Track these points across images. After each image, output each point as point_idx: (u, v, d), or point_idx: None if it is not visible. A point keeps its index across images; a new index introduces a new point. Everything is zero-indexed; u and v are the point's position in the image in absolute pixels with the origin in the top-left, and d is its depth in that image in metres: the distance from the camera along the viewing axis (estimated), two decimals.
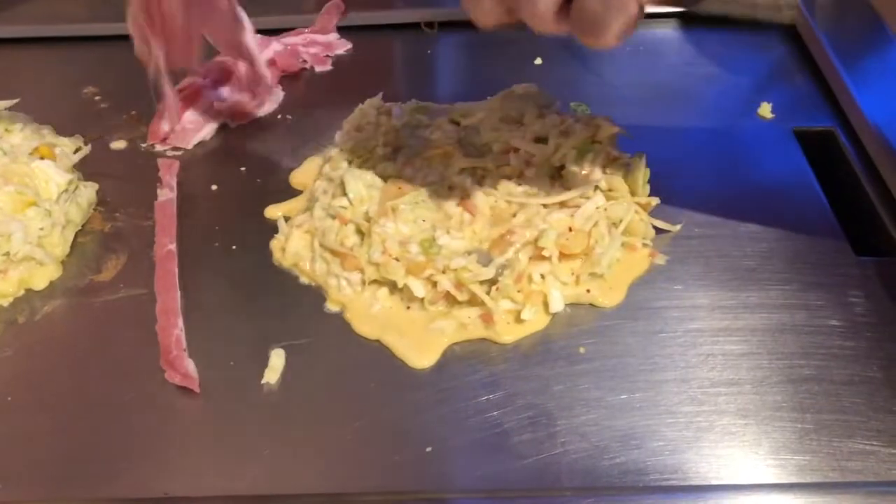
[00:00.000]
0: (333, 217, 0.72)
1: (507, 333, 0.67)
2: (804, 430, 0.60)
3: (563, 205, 0.71)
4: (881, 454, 0.58)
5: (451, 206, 0.70)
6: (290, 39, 1.03)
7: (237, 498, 0.58)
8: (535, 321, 0.68)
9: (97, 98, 0.97)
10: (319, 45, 1.04)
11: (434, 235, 0.68)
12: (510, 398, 0.63)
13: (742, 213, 0.77)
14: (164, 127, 0.90)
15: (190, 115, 0.92)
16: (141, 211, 0.81)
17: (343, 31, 1.06)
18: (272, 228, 0.78)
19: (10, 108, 0.86)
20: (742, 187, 0.80)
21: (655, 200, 0.76)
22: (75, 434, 0.62)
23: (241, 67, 0.96)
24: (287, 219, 0.78)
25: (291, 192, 0.83)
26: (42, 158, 0.78)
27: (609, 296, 0.70)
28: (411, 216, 0.70)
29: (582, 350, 0.66)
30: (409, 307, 0.69)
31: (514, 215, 0.70)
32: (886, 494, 0.56)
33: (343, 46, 1.05)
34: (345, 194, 0.73)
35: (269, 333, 0.68)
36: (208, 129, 0.91)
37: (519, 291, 0.67)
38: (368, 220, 0.70)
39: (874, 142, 0.81)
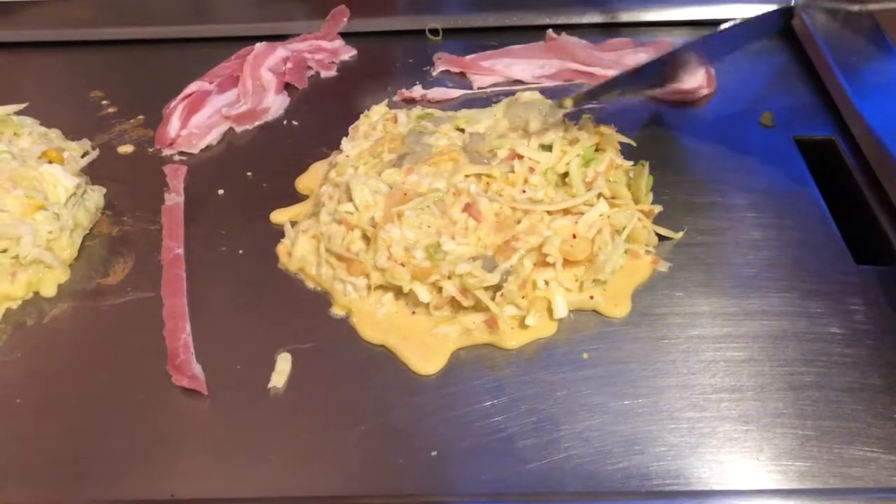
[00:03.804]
0: (339, 222, 0.73)
1: (512, 339, 0.68)
2: (805, 437, 0.60)
3: (566, 212, 0.72)
4: (881, 461, 0.59)
5: (457, 213, 0.71)
6: (295, 46, 1.03)
7: (243, 500, 0.59)
8: (540, 327, 0.68)
9: (104, 102, 0.98)
10: (325, 51, 1.04)
11: (439, 241, 0.69)
12: (514, 403, 0.63)
13: (744, 220, 0.78)
14: (171, 132, 0.91)
15: (196, 120, 0.93)
16: (148, 215, 0.82)
17: (348, 37, 1.07)
18: (278, 233, 0.79)
19: (18, 113, 0.87)
20: (744, 195, 0.81)
21: (658, 208, 0.76)
22: (83, 436, 0.63)
23: (247, 75, 0.97)
24: (293, 224, 0.79)
25: (297, 197, 0.83)
26: (50, 162, 0.79)
27: (612, 303, 0.70)
28: (416, 222, 0.71)
29: (585, 356, 0.67)
30: (414, 312, 0.70)
31: (519, 222, 0.71)
32: (887, 501, 0.57)
33: (348, 52, 1.05)
34: (351, 200, 0.73)
35: (276, 338, 0.69)
36: (215, 134, 0.92)
37: (523, 297, 0.68)
38: (374, 225, 0.71)
39: (874, 151, 0.82)
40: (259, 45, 1.01)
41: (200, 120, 0.93)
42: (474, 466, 0.60)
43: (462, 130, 0.82)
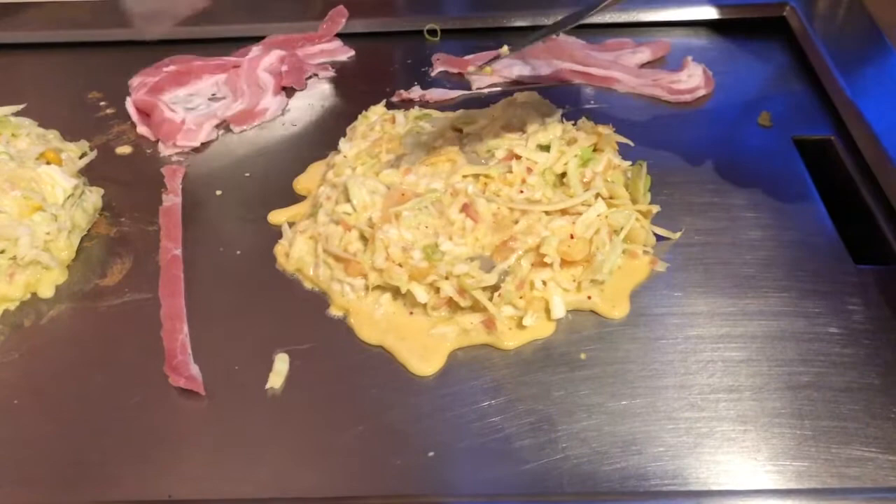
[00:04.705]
0: (337, 223, 0.73)
1: (510, 339, 0.68)
2: (803, 437, 0.60)
3: (564, 212, 0.72)
4: (879, 460, 0.59)
5: (454, 213, 0.71)
6: (293, 47, 1.03)
7: (241, 501, 0.59)
8: (537, 327, 0.68)
9: (102, 103, 0.98)
10: (323, 52, 1.04)
11: (437, 241, 0.69)
12: (512, 404, 0.63)
13: (742, 221, 0.78)
14: (170, 129, 0.90)
15: (190, 116, 0.93)
16: (146, 216, 0.82)
17: (346, 38, 1.07)
18: (276, 234, 0.79)
19: (16, 114, 0.87)
20: (742, 195, 0.81)
21: (656, 208, 0.76)
22: (80, 437, 0.63)
23: (243, 76, 0.97)
24: (291, 224, 0.79)
25: (295, 198, 0.83)
26: (48, 163, 0.79)
27: (610, 304, 0.70)
28: (414, 222, 0.71)
29: (583, 356, 0.67)
30: (411, 313, 0.70)
31: (516, 222, 0.71)
32: (884, 500, 0.57)
33: (346, 53, 1.05)
34: (348, 200, 0.73)
35: (274, 338, 0.69)
36: (207, 128, 0.92)
37: (521, 298, 0.68)
38: (372, 225, 0.71)
39: (872, 151, 0.82)
40: (255, 48, 1.01)
41: (193, 115, 0.93)
42: (472, 467, 0.60)
43: (459, 131, 0.82)
